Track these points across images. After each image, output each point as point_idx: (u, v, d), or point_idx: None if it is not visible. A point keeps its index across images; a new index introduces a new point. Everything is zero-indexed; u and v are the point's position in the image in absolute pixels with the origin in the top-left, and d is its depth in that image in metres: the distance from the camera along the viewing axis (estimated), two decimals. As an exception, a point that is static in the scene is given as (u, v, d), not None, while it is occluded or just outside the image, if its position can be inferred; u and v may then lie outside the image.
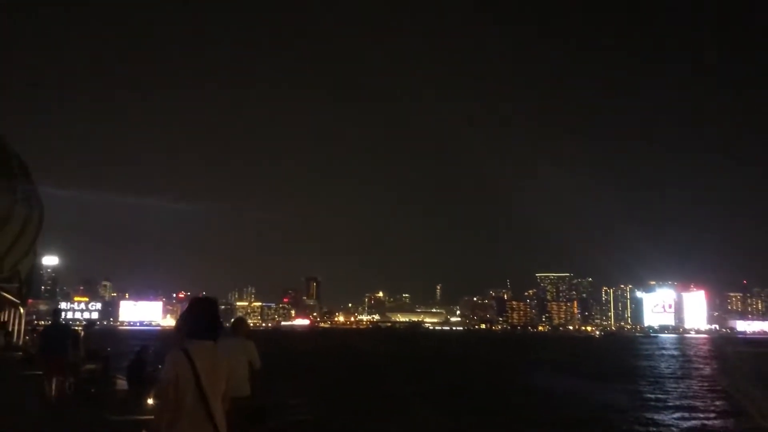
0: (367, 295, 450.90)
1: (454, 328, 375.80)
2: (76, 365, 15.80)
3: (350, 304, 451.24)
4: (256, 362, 8.40)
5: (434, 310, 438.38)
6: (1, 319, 41.61)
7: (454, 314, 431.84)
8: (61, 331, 15.80)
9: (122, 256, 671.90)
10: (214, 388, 4.22)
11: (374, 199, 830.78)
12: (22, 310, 39.25)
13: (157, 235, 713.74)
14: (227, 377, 4.41)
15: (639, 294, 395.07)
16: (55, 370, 14.43)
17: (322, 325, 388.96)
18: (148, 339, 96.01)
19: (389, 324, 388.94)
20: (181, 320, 4.47)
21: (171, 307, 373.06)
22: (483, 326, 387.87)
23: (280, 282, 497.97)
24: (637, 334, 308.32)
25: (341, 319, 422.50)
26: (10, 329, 36.29)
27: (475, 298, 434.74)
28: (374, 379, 36.29)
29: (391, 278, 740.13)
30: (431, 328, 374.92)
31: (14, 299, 42.24)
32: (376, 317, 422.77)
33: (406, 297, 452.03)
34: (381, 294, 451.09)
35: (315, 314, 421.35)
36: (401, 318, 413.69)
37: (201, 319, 4.41)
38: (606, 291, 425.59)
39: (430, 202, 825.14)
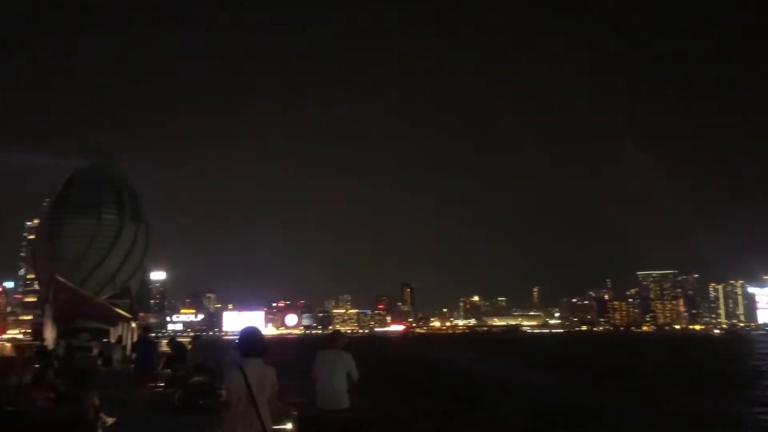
0: (462, 299, 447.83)
1: (552, 330, 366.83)
2: (184, 378, 16.42)
3: (445, 309, 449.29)
4: (354, 373, 8.38)
5: (532, 313, 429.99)
6: (117, 333, 44.05)
7: (552, 316, 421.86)
8: (148, 345, 17.07)
9: (225, 268, 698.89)
10: (261, 394, 5.63)
11: (468, 205, 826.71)
12: (133, 324, 41.38)
13: (257, 246, 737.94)
14: (272, 385, 5.80)
15: (750, 289, 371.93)
16: (143, 382, 15.72)
17: (417, 330, 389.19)
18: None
19: (486, 328, 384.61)
20: (239, 344, 5.95)
21: (272, 316, 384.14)
22: (584, 328, 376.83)
23: (375, 289, 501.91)
24: (757, 333, 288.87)
25: (437, 324, 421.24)
26: (124, 343, 38.30)
27: (574, 300, 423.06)
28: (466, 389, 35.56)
29: (486, 282, 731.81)
30: (529, 331, 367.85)
31: (126, 314, 44.72)
32: (472, 321, 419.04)
33: (502, 300, 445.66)
34: (476, 298, 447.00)
35: (410, 320, 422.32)
36: (498, 322, 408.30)
37: (250, 342, 5.93)
38: (714, 287, 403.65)
39: (524, 205, 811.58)
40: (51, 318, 40.06)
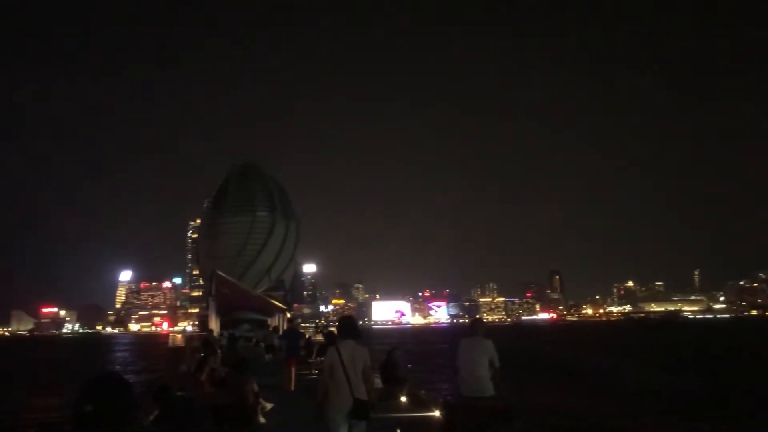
0: (615, 285, 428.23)
1: (717, 316, 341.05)
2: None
3: (598, 296, 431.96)
4: (496, 361, 8.27)
5: (693, 298, 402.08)
6: (273, 324, 46.51)
7: (717, 301, 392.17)
8: (295, 335, 19.77)
9: (372, 259, 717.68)
10: (352, 368, 7.00)
11: (621, 186, 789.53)
12: (288, 315, 43.42)
13: (404, 236, 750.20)
14: (363, 362, 7.12)
15: None
16: (291, 365, 17.69)
17: (569, 318, 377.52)
18: (399, 337, 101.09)
19: (642, 314, 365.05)
20: (338, 329, 7.74)
21: (418, 306, 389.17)
22: (754, 312, 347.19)
23: (522, 277, 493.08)
24: None
25: (589, 311, 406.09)
26: (280, 333, 40.28)
27: (741, 282, 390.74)
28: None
29: (641, 266, 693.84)
30: (691, 316, 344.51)
31: (281, 305, 47.07)
32: (627, 308, 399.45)
33: (659, 285, 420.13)
34: (631, 283, 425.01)
35: (560, 308, 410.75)
36: (656, 308, 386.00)
37: (345, 328, 7.54)
38: None
39: (680, 182, 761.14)
40: (215, 310, 43.00)
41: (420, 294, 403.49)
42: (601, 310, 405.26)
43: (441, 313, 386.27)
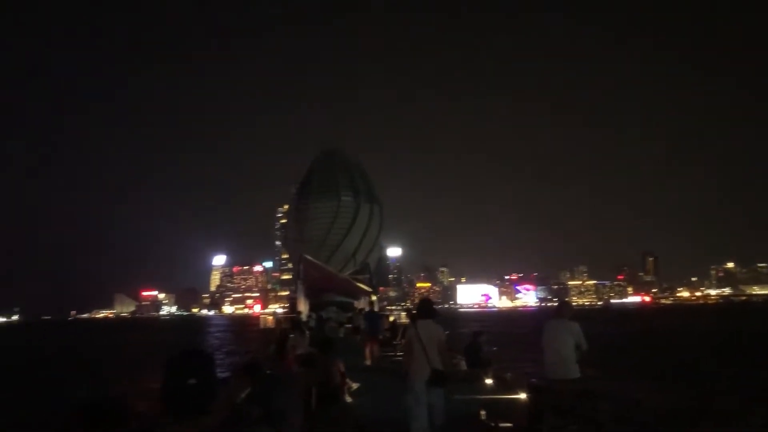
0: (713, 267, 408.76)
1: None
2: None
3: (694, 279, 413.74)
4: (583, 343, 8.11)
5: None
6: (359, 306, 47.20)
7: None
8: (375, 316, 21.48)
9: (457, 242, 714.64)
10: (429, 344, 8.18)
11: (724, 164, 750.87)
12: (374, 298, 43.92)
13: (490, 219, 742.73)
14: (437, 337, 8.29)
15: None
16: (370, 344, 19.16)
17: (663, 301, 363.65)
18: (484, 321, 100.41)
19: (744, 297, 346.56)
20: (417, 310, 9.11)
21: (505, 289, 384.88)
22: None
23: (613, 259, 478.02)
24: None
25: (685, 294, 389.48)
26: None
27: None
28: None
29: (742, 247, 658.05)
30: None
31: (367, 288, 47.62)
32: (727, 291, 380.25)
33: (762, 267, 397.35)
34: (731, 265, 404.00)
35: (654, 290, 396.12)
36: (758, 290, 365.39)
37: (423, 308, 8.81)
38: None
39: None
40: (303, 293, 44.03)
41: (507, 277, 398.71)
42: (698, 293, 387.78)
43: (529, 297, 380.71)
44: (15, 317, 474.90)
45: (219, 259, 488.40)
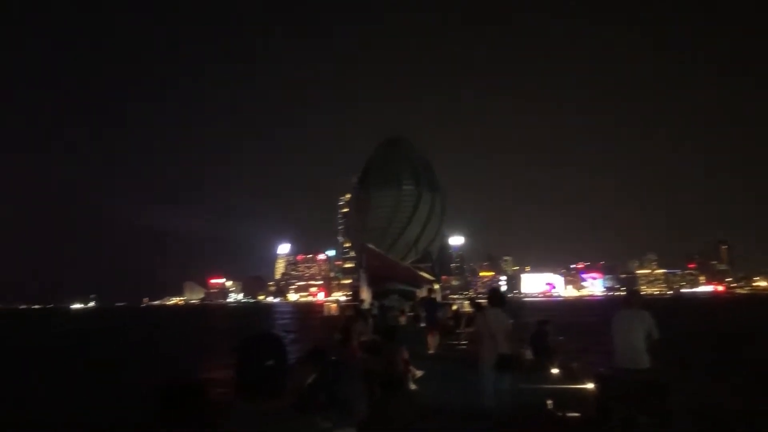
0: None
1: None
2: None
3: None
4: (655, 332, 7.85)
5: None
6: (421, 295, 47.19)
7: None
8: (433, 304, 21.77)
9: (521, 231, 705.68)
10: (498, 331, 8.85)
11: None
12: (436, 286, 43.80)
13: (554, 207, 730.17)
14: (505, 325, 8.94)
15: None
16: (431, 332, 19.15)
17: (738, 291, 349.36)
18: (549, 310, 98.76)
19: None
20: (488, 298, 9.81)
21: (571, 278, 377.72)
22: None
23: (684, 247, 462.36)
24: None
25: (762, 284, 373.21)
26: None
27: None
28: None
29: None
30: None
31: (430, 276, 47.59)
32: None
33: None
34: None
35: (728, 279, 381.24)
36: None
37: (493, 297, 9.61)
38: None
39: None
40: (366, 282, 44.33)
41: (572, 266, 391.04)
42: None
43: (595, 286, 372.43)
44: (91, 304, 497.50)
45: (284, 248, 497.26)
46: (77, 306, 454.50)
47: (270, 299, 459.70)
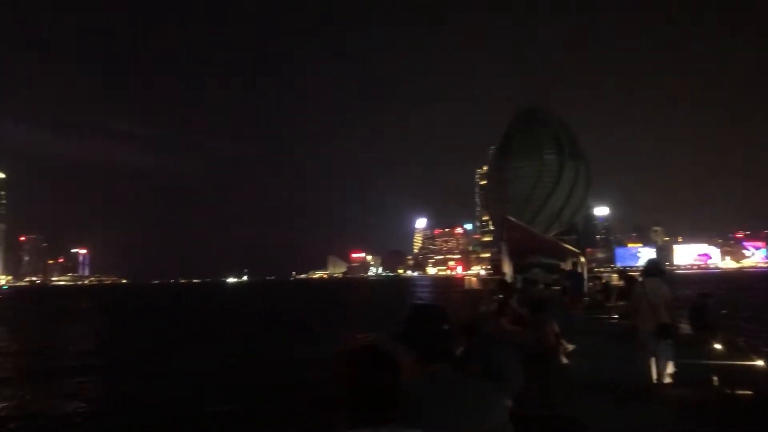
0: None
1: None
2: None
3: None
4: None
5: None
6: (567, 268, 45.86)
7: None
8: (576, 277, 22.85)
9: (671, 199, 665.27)
10: (656, 299, 8.89)
11: None
12: (582, 259, 42.42)
13: (707, 171, 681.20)
14: (663, 294, 8.96)
15: None
16: (575, 305, 19.71)
17: None
18: (706, 282, 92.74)
19: None
20: (644, 268, 9.86)
21: (729, 248, 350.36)
22: None
23: None
24: None
25: None
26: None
27: None
28: None
29: None
30: None
31: (574, 249, 46.07)
32: None
33: None
34: None
35: None
36: None
37: (650, 267, 9.64)
38: None
39: None
40: (507, 255, 43.73)
41: (731, 235, 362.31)
42: None
43: (758, 256, 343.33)
44: (244, 278, 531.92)
45: (421, 222, 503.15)
46: (232, 280, 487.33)
47: (409, 273, 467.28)
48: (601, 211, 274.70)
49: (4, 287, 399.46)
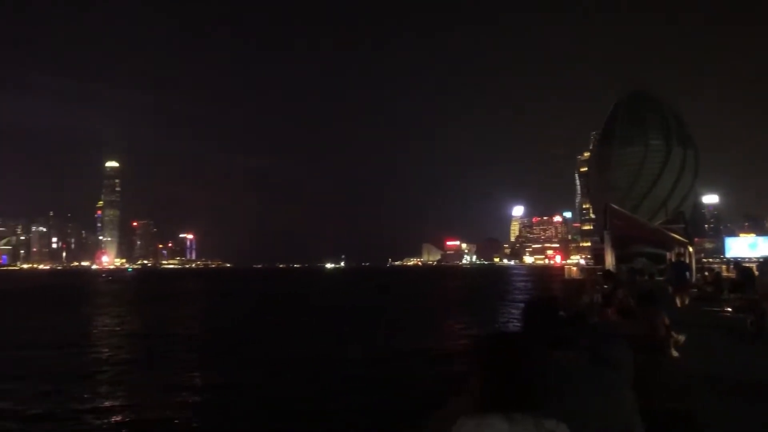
0: None
1: None
2: (754, 303, 15.51)
3: None
4: None
5: None
6: (671, 259, 43.99)
7: None
8: (681, 267, 22.72)
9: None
10: None
11: None
12: (690, 249, 40.59)
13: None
14: None
15: None
16: (680, 296, 19.35)
17: None
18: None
19: None
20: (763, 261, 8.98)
21: None
22: None
23: None
24: None
25: None
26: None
27: None
28: None
29: None
30: None
31: (681, 238, 44.13)
32: None
33: None
34: None
35: None
36: None
37: None
38: None
39: None
40: (609, 244, 42.46)
41: None
42: None
43: None
44: (342, 264, 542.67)
45: (518, 210, 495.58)
46: (330, 266, 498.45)
47: (505, 261, 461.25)
48: (711, 199, 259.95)
49: (129, 269, 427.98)
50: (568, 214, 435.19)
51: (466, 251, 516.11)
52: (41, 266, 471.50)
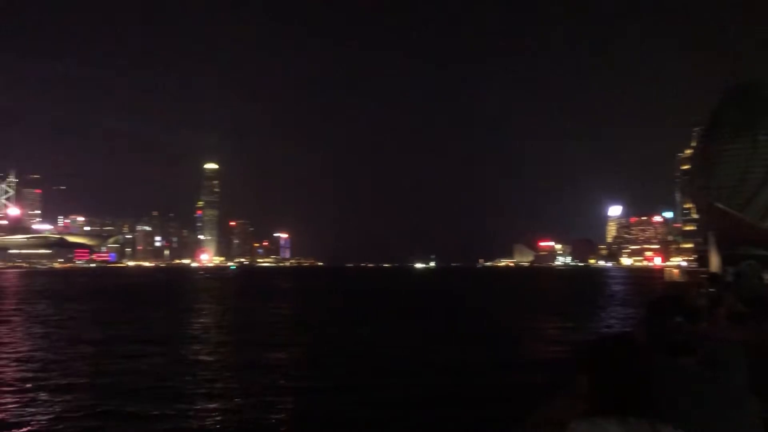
0: None
1: None
2: None
3: None
4: None
5: None
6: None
7: None
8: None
9: None
10: None
11: None
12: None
13: None
14: None
15: None
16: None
17: None
18: None
19: None
20: None
21: None
22: None
23: None
24: None
25: None
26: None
27: None
28: None
29: None
30: None
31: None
32: None
33: None
34: None
35: None
36: None
37: None
38: None
39: None
40: (714, 245, 40.45)
41: None
42: None
43: None
44: (432, 264, 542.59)
45: (615, 210, 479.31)
46: (420, 265, 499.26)
47: (601, 263, 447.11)
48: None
49: (232, 267, 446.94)
50: (669, 214, 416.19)
51: (560, 252, 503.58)
52: (146, 263, 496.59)
